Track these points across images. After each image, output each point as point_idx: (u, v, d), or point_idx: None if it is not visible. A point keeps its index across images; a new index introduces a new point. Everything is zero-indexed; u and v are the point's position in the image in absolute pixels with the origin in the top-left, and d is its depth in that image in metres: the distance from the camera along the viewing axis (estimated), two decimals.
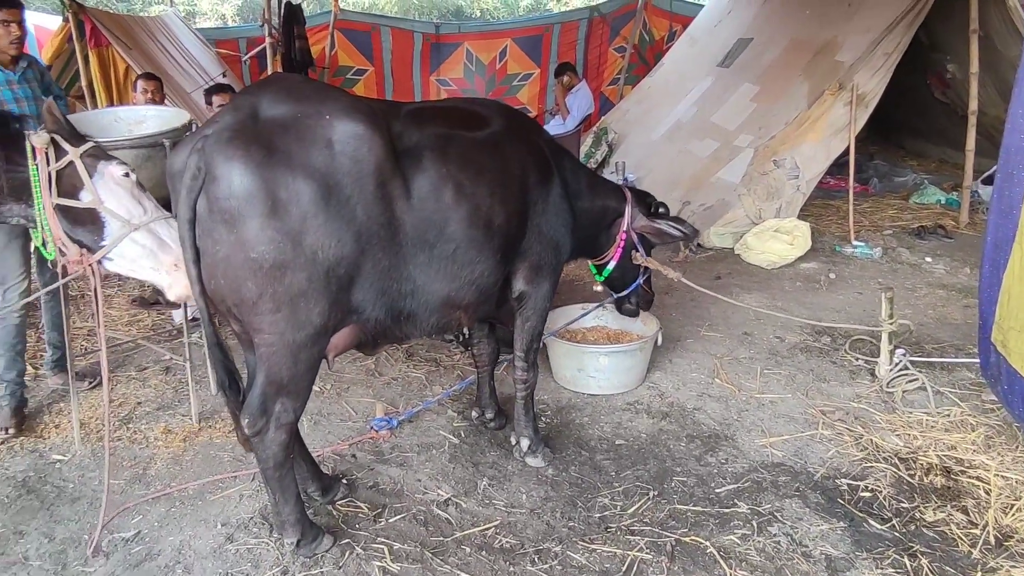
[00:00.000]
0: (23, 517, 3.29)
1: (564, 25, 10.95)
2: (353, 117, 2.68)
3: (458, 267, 3.00)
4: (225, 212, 2.51)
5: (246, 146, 2.52)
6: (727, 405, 4.12)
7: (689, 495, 3.37)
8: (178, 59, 8.35)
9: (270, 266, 2.54)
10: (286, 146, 2.56)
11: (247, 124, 2.58)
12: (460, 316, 3.20)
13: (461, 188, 2.94)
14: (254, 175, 2.50)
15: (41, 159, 2.70)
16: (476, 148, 3.08)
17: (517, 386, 3.63)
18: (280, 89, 2.74)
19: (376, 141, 2.70)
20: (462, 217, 2.95)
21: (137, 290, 5.84)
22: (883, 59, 6.55)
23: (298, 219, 2.54)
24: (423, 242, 2.88)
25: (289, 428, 2.81)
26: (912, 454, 3.60)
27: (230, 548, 3.05)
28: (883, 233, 6.85)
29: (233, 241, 2.53)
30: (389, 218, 2.76)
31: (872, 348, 4.58)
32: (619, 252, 3.94)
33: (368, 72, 10.73)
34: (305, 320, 2.65)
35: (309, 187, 2.56)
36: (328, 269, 2.62)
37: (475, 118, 3.24)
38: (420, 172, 2.85)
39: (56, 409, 4.18)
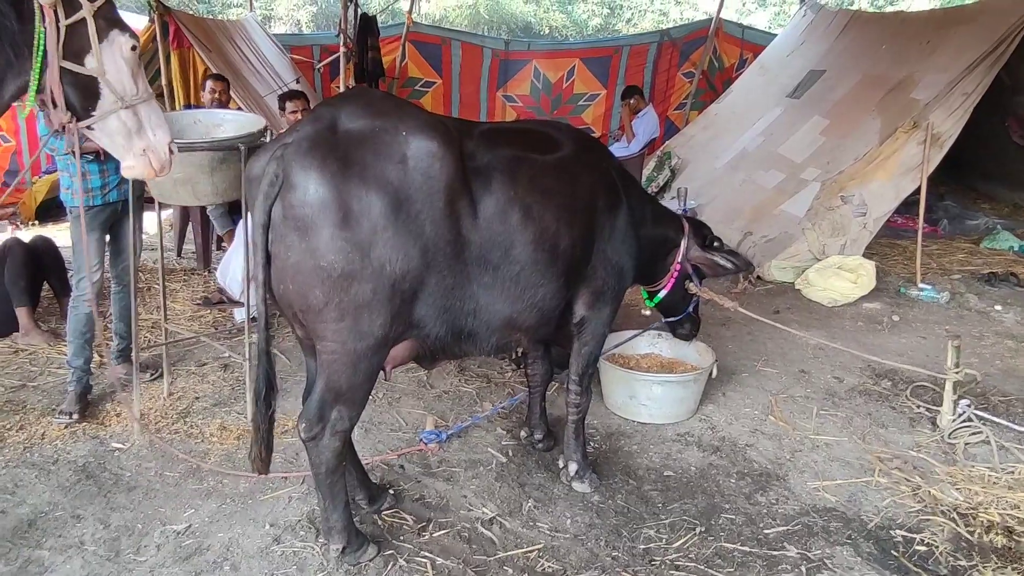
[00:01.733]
0: (81, 502, 3.39)
1: (633, 48, 10.95)
2: (428, 134, 2.72)
3: (521, 289, 3.02)
4: (299, 219, 2.57)
5: (323, 157, 2.57)
6: (780, 444, 4.04)
7: (737, 534, 3.31)
8: (254, 63, 8.58)
9: (338, 275, 2.59)
10: (361, 159, 2.61)
11: (326, 135, 2.64)
12: (520, 337, 3.22)
13: (528, 211, 2.96)
14: (329, 185, 2.56)
15: (49, 17, 2.50)
16: (545, 171, 3.09)
17: (569, 409, 3.62)
18: (360, 103, 2.80)
19: (448, 159, 2.73)
20: (528, 240, 2.96)
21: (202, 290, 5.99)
22: (961, 99, 6.39)
23: (368, 231, 2.59)
24: (488, 262, 2.90)
25: (344, 436, 2.85)
26: (972, 510, 3.48)
27: (276, 549, 3.09)
28: (951, 277, 6.66)
29: (304, 248, 2.58)
30: (456, 236, 2.79)
31: (934, 396, 4.44)
32: (672, 281, 3.95)
33: (436, 84, 10.88)
34: (367, 330, 2.69)
35: (381, 200, 2.60)
36: (394, 282, 2.66)
37: (547, 141, 3.26)
38: (488, 193, 2.88)
39: (118, 398, 4.30)
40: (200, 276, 6.35)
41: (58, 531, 3.20)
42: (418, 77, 10.83)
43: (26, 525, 3.23)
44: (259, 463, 2.87)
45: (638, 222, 3.58)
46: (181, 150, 3.54)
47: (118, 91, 2.70)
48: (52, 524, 3.24)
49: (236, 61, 8.11)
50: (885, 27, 8.44)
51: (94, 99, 2.69)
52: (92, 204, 4.07)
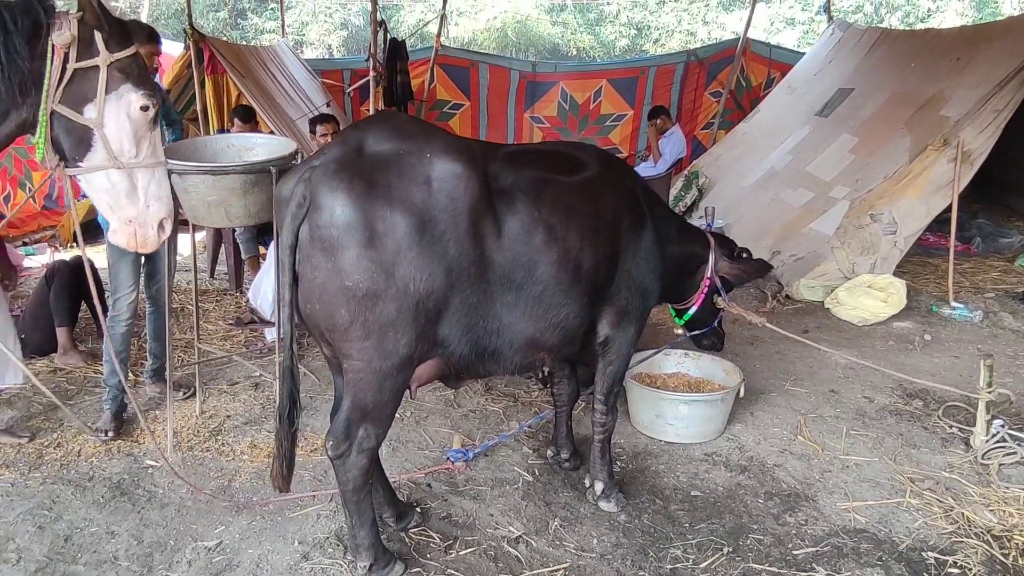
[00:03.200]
0: (115, 518, 3.46)
1: (660, 68, 10.99)
2: (452, 157, 2.76)
3: (544, 309, 3.04)
4: (325, 240, 2.62)
5: (350, 179, 2.62)
6: (809, 464, 4.00)
7: (765, 555, 3.29)
8: (286, 87, 8.75)
9: (363, 295, 2.63)
10: (387, 181, 2.66)
11: (352, 158, 2.69)
12: (544, 357, 3.23)
13: (552, 231, 2.98)
14: (354, 207, 2.60)
15: (59, 57, 2.47)
16: (569, 192, 3.11)
17: (595, 429, 3.62)
18: (386, 126, 2.85)
19: (472, 181, 2.77)
20: (551, 260, 2.98)
21: (235, 310, 6.09)
22: (992, 116, 6.33)
23: (392, 251, 2.63)
24: (511, 282, 2.93)
25: (370, 454, 2.88)
26: (1007, 532, 3.42)
27: (305, 566, 3.12)
28: (985, 296, 6.56)
29: (330, 268, 2.63)
30: (480, 256, 2.82)
31: (967, 416, 4.38)
32: (702, 297, 3.99)
33: (464, 107, 11.00)
34: (392, 349, 2.72)
35: (405, 221, 2.64)
36: (418, 301, 2.70)
37: (571, 162, 3.28)
38: (512, 213, 2.91)
39: (151, 416, 4.39)
40: (232, 297, 6.47)
41: (93, 547, 3.27)
42: (446, 100, 10.96)
43: (62, 540, 3.30)
44: (280, 480, 2.91)
45: (663, 240, 3.60)
46: (215, 173, 3.67)
47: (114, 148, 2.61)
48: (88, 540, 3.31)
49: (268, 86, 8.28)
50: (914, 44, 8.39)
51: (85, 150, 2.61)
52: None
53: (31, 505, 3.54)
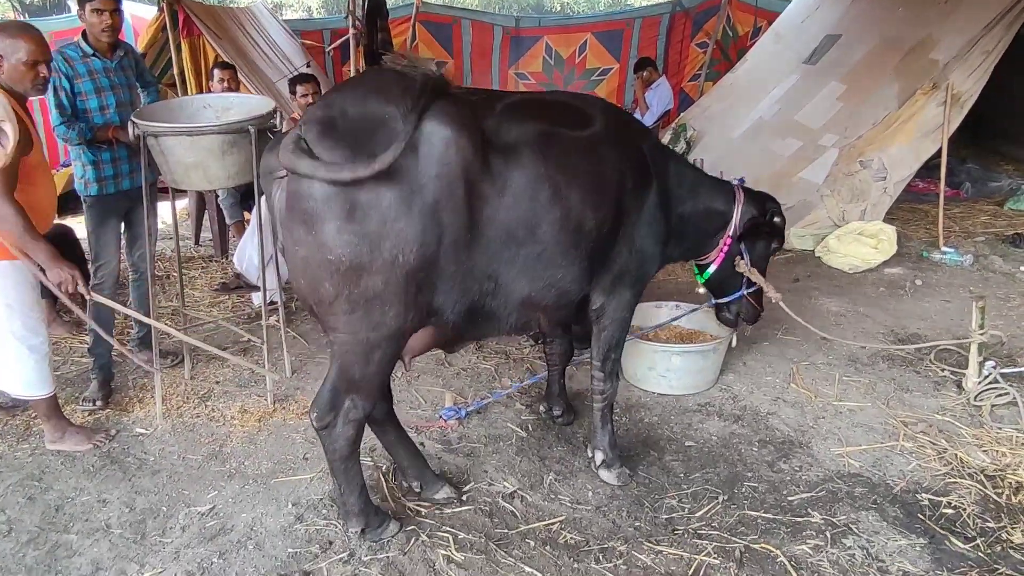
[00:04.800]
0: (107, 486, 3.43)
1: (645, 20, 10.81)
2: (441, 119, 2.55)
3: (542, 268, 2.89)
4: (304, 213, 2.49)
5: (329, 146, 2.46)
6: (803, 411, 4.00)
7: (760, 501, 3.29)
8: (265, 49, 8.56)
9: (347, 268, 2.51)
10: (370, 148, 2.45)
11: (335, 122, 2.52)
12: (539, 317, 3.12)
13: (557, 189, 2.82)
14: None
15: None
16: (575, 148, 2.94)
17: (594, 397, 3.48)
18: (371, 86, 2.67)
19: (463, 143, 2.57)
20: (554, 219, 2.83)
21: (220, 277, 6.02)
22: (981, 58, 6.24)
23: (377, 223, 2.48)
24: (511, 240, 2.77)
25: (357, 424, 2.81)
26: (1000, 472, 3.43)
27: (299, 528, 3.11)
28: (975, 240, 6.54)
29: (311, 242, 2.51)
30: (477, 219, 2.66)
31: (959, 359, 4.38)
32: (721, 256, 3.76)
33: (448, 64, 10.79)
34: (380, 321, 2.61)
35: (390, 191, 2.47)
36: (407, 273, 2.56)
37: (578, 115, 3.09)
38: (517, 169, 2.73)
39: (139, 384, 4.34)
40: (218, 263, 6.39)
41: (85, 515, 3.24)
42: (429, 57, 10.75)
43: (53, 510, 3.28)
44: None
45: (673, 200, 3.42)
46: (192, 134, 3.58)
47: None
48: (79, 509, 3.28)
49: (246, 48, 8.10)
50: None
51: None
52: (105, 193, 4.09)
53: (21, 476, 3.51)
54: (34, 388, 3.57)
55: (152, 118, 3.73)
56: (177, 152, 3.59)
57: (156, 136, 3.56)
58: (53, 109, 3.92)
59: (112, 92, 4.04)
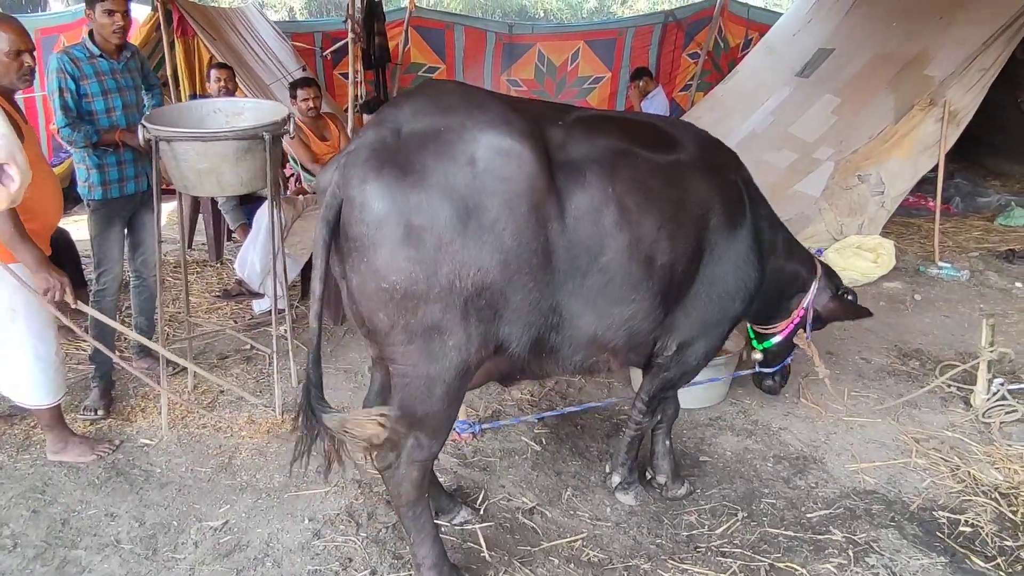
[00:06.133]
0: (114, 499, 3.35)
1: (638, 29, 10.81)
2: (500, 130, 2.40)
3: (608, 302, 2.68)
4: (357, 239, 2.35)
5: (379, 167, 2.32)
6: (814, 426, 4.01)
7: (779, 518, 3.28)
8: (257, 51, 8.45)
9: (402, 296, 2.35)
10: (422, 165, 2.32)
11: (386, 141, 2.38)
12: (608, 359, 2.88)
13: (625, 213, 2.60)
14: (385, 199, 2.30)
15: None
16: (653, 172, 2.73)
17: (629, 424, 3.36)
18: (426, 99, 2.52)
19: (526, 157, 2.40)
20: (621, 247, 2.61)
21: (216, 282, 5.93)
22: (979, 75, 6.31)
23: (433, 246, 2.31)
24: (574, 269, 2.57)
25: (423, 466, 2.60)
26: (1013, 489, 3.45)
27: (318, 544, 3.05)
28: (969, 255, 6.61)
29: (365, 269, 2.37)
30: (542, 243, 2.46)
31: (964, 375, 4.40)
32: (791, 327, 3.56)
33: (440, 69, 10.75)
34: (439, 352, 2.43)
35: (445, 210, 2.31)
36: (466, 300, 2.38)
37: (662, 138, 2.90)
38: (581, 188, 2.54)
39: (141, 393, 4.25)
40: (213, 268, 6.28)
41: (93, 530, 3.16)
42: (421, 63, 10.69)
43: (60, 524, 3.19)
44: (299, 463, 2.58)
45: (765, 249, 3.19)
46: (206, 140, 3.51)
47: None
48: (86, 523, 3.20)
49: (240, 49, 7.99)
50: (895, 3, 8.31)
51: None
52: (110, 197, 4.01)
53: (23, 488, 3.42)
54: (36, 397, 3.47)
55: (162, 122, 3.65)
56: (190, 158, 3.52)
57: (169, 141, 3.49)
58: (58, 110, 3.83)
59: (119, 94, 3.96)
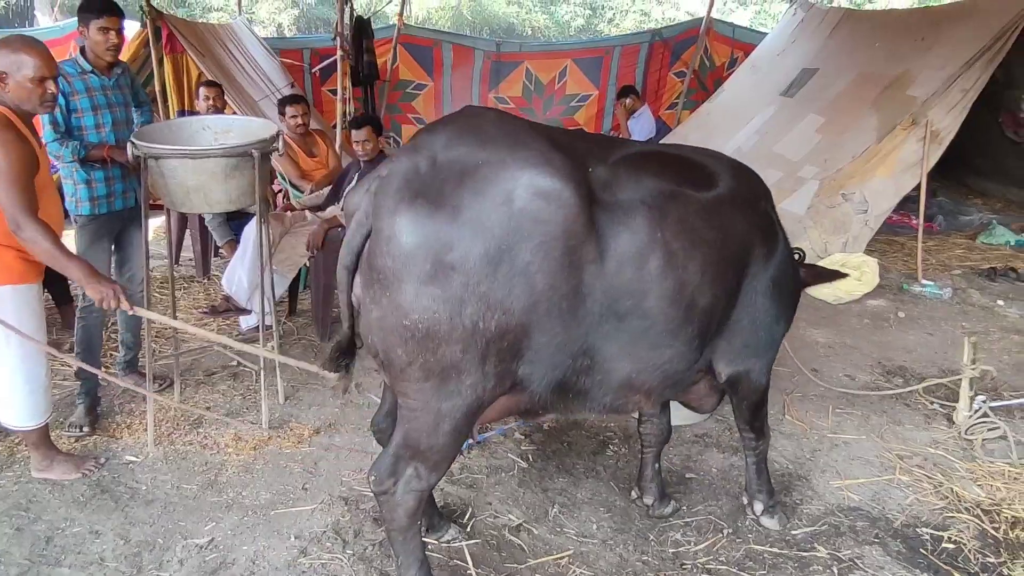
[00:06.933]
0: (98, 517, 3.32)
1: (625, 48, 10.94)
2: (540, 169, 2.28)
3: (647, 347, 2.59)
4: (381, 271, 2.27)
5: (412, 199, 2.23)
6: (799, 444, 4.04)
7: (765, 535, 3.30)
8: (246, 67, 8.48)
9: (423, 336, 2.28)
10: (457, 200, 2.22)
11: (420, 170, 2.29)
12: (640, 400, 2.79)
13: (672, 259, 2.50)
14: (415, 233, 2.21)
15: None
16: (698, 213, 2.63)
17: (747, 454, 3.35)
18: (465, 128, 2.42)
19: (566, 199, 2.29)
20: (664, 293, 2.51)
21: (203, 298, 5.92)
22: (960, 96, 6.43)
23: (460, 286, 2.23)
24: (612, 313, 2.47)
25: (419, 496, 2.57)
26: (995, 506, 3.49)
27: (304, 562, 3.04)
28: (952, 273, 6.69)
29: (387, 303, 2.28)
30: (576, 287, 2.37)
31: (947, 392, 4.46)
32: None
33: (428, 87, 10.82)
34: (454, 391, 2.38)
35: (476, 250, 2.22)
36: (488, 341, 2.30)
37: (702, 173, 2.79)
38: (627, 232, 2.44)
39: (127, 410, 4.23)
40: (200, 284, 6.26)
41: (77, 548, 3.13)
42: (410, 79, 10.77)
43: (43, 542, 3.16)
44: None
45: (795, 269, 3.17)
46: (195, 156, 3.52)
47: None
48: (70, 541, 3.17)
49: (229, 66, 8.02)
50: (877, 24, 8.48)
51: None
52: (97, 212, 4.00)
53: (6, 506, 3.39)
54: (22, 419, 3.43)
55: (150, 139, 3.66)
56: (179, 174, 3.53)
57: (158, 158, 3.50)
58: (46, 125, 3.82)
59: (109, 110, 3.96)
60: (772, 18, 21.54)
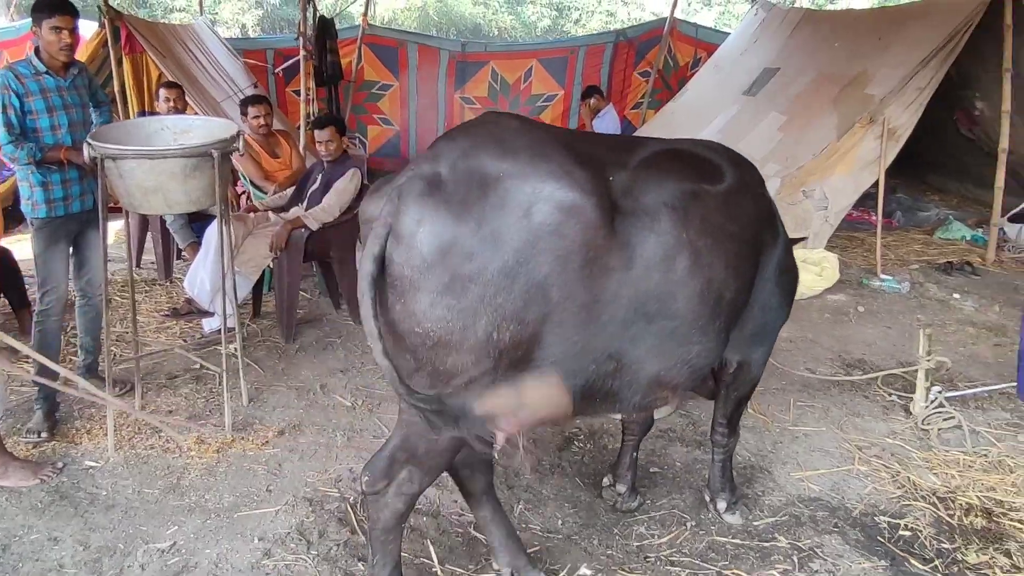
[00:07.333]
0: (57, 523, 3.28)
1: (590, 48, 10.99)
2: (562, 183, 2.24)
3: (675, 345, 2.57)
4: (398, 278, 2.23)
5: (434, 207, 2.20)
6: (761, 436, 4.09)
7: (727, 527, 3.34)
8: (208, 68, 8.40)
9: (434, 344, 2.25)
10: (479, 211, 2.20)
11: (441, 177, 2.25)
12: (667, 395, 2.77)
13: (698, 257, 2.48)
14: (434, 244, 2.18)
15: None
16: (717, 207, 2.62)
17: (715, 450, 3.37)
18: (487, 136, 2.38)
19: (587, 213, 2.26)
20: (693, 292, 2.50)
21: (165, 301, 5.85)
22: (915, 94, 6.56)
23: (475, 298, 2.20)
24: (641, 316, 2.44)
25: (409, 499, 2.58)
26: (951, 494, 3.57)
27: (268, 564, 3.02)
28: (910, 267, 6.83)
29: (401, 310, 2.26)
30: (597, 295, 2.34)
31: (904, 383, 4.55)
32: None
33: (393, 87, 10.79)
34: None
35: (495, 263, 2.19)
36: (501, 352, 2.27)
37: (711, 167, 2.76)
38: (654, 236, 2.41)
39: (87, 414, 4.17)
40: (162, 287, 6.18)
41: (35, 555, 3.09)
42: (375, 80, 10.72)
43: (0, 549, 3.11)
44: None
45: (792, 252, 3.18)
46: (153, 157, 3.49)
47: None
48: (28, 548, 3.12)
49: (190, 67, 7.93)
50: (837, 24, 8.62)
51: None
52: (54, 215, 3.94)
53: None
54: None
55: (107, 139, 3.61)
56: (137, 175, 3.49)
57: (115, 159, 3.45)
58: (1, 127, 3.76)
59: (65, 111, 3.90)
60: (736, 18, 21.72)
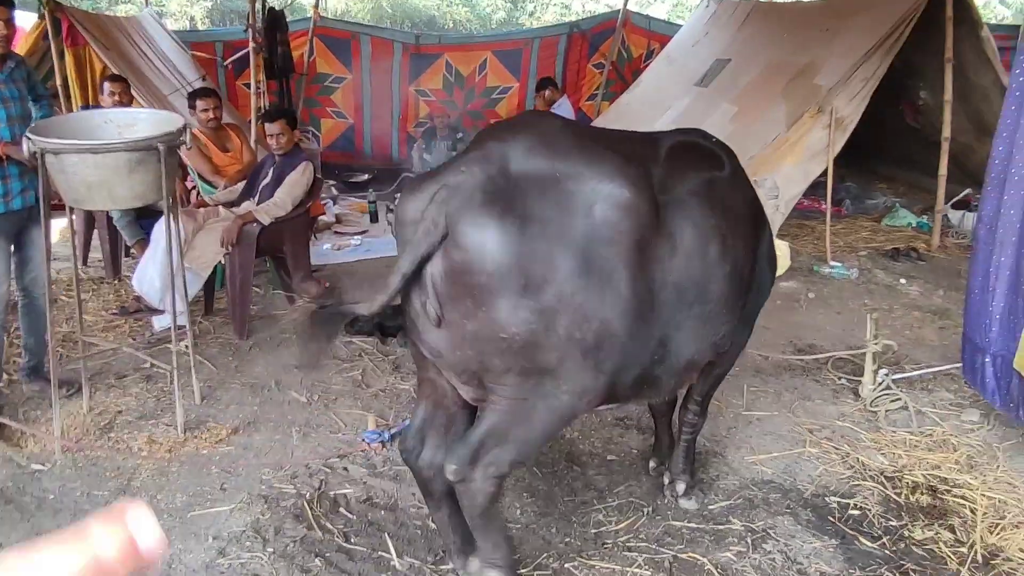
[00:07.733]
0: (3, 529, 3.20)
1: (544, 40, 10.99)
2: (618, 182, 2.33)
3: (708, 328, 2.67)
4: (473, 286, 2.24)
5: (500, 214, 2.22)
6: (715, 422, 4.15)
7: (683, 511, 3.39)
8: (154, 61, 8.21)
9: (521, 346, 2.30)
10: (543, 214, 2.24)
11: (498, 182, 2.26)
12: (694, 377, 2.90)
13: (725, 240, 2.60)
14: (507, 249, 2.21)
15: None
16: (729, 191, 2.73)
17: (684, 429, 3.40)
18: (536, 139, 2.40)
19: (642, 208, 2.36)
20: (725, 274, 2.60)
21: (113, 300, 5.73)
22: (861, 84, 6.68)
23: (554, 297, 2.25)
24: (682, 303, 2.54)
25: (499, 482, 2.56)
26: (898, 473, 3.66)
27: (223, 562, 2.99)
28: (858, 254, 6.98)
29: (483, 317, 2.27)
30: (651, 288, 2.43)
31: (853, 367, 4.65)
32: None
33: (347, 80, 10.66)
34: (551, 393, 2.42)
35: (567, 262, 2.25)
36: (584, 351, 2.34)
37: (710, 153, 2.85)
38: (689, 224, 2.52)
39: (32, 417, 4.07)
40: (110, 285, 6.05)
41: None
42: (328, 73, 10.58)
43: None
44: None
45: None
46: (96, 151, 3.40)
47: None
48: None
49: (136, 60, 7.74)
50: (785, 16, 8.75)
51: None
52: None
53: None
54: None
55: (49, 134, 3.51)
56: (80, 170, 3.40)
57: (56, 153, 3.36)
58: None
59: (2, 105, 3.79)
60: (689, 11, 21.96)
